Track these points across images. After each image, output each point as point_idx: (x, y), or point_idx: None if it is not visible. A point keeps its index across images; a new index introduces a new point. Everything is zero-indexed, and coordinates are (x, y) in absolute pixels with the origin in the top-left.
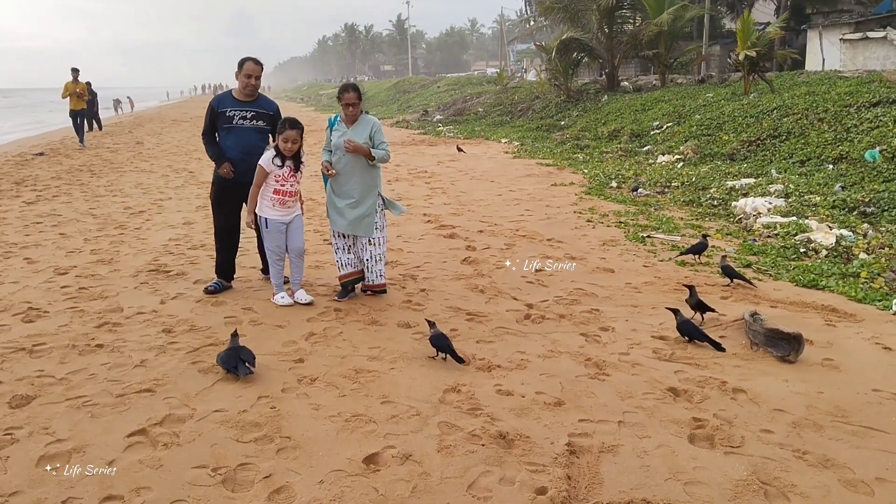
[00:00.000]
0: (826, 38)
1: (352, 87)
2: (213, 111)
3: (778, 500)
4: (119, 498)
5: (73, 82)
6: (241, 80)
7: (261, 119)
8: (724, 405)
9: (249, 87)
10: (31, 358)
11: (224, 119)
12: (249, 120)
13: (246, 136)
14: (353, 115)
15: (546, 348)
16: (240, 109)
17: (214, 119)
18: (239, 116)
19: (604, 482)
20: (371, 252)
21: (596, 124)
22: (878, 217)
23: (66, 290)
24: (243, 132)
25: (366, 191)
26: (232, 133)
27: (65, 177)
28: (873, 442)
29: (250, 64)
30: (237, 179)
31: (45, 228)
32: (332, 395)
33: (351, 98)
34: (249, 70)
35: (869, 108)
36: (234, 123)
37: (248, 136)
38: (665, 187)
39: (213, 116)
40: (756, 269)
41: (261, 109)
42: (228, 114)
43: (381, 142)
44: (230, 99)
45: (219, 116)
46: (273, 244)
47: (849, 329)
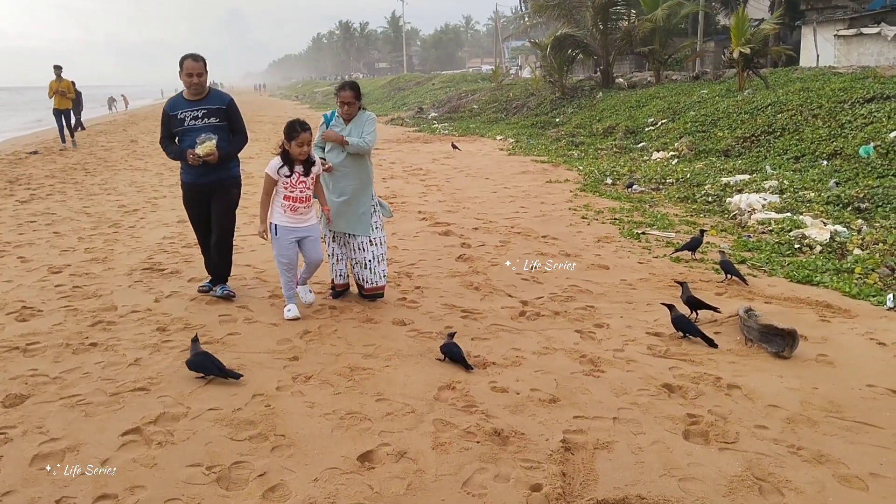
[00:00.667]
0: (820, 35)
1: (349, 85)
2: (166, 116)
3: (772, 495)
4: (113, 497)
5: (57, 80)
6: (184, 80)
7: (213, 116)
8: (719, 401)
9: (193, 85)
10: (24, 357)
11: (176, 122)
12: (200, 119)
13: (199, 136)
14: (350, 114)
15: (541, 345)
16: (190, 110)
17: (169, 124)
18: (190, 118)
19: (599, 478)
20: (373, 252)
21: (591, 121)
22: (873, 213)
23: (60, 288)
24: (197, 133)
25: (360, 188)
26: (186, 136)
27: (59, 175)
28: (867, 437)
29: (189, 62)
30: (199, 180)
31: (38, 227)
32: (326, 393)
33: (347, 97)
34: (189, 69)
35: (863, 103)
36: (185, 125)
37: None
38: (660, 184)
39: (167, 121)
40: (751, 265)
41: (212, 106)
42: (179, 116)
43: (367, 132)
44: (182, 101)
45: (172, 120)
46: (280, 252)
47: (843, 325)
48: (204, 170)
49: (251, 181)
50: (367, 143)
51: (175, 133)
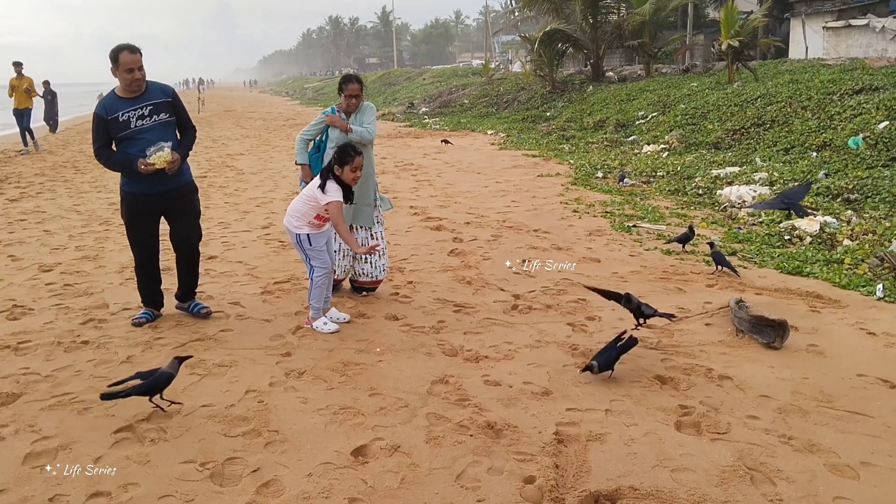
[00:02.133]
0: (809, 27)
1: (356, 78)
2: (102, 122)
3: (764, 485)
4: (106, 494)
5: (17, 78)
6: (123, 76)
7: (161, 111)
8: (711, 392)
9: (135, 81)
10: (16, 355)
11: (119, 126)
12: (148, 118)
13: (151, 136)
14: (354, 107)
15: (533, 338)
16: (133, 109)
17: (107, 130)
18: (135, 118)
19: (591, 470)
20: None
21: (581, 115)
22: (862, 203)
23: (50, 286)
24: (147, 133)
25: (363, 179)
26: (135, 140)
27: (48, 173)
28: (858, 426)
29: (127, 55)
30: (153, 190)
31: (29, 225)
32: (319, 389)
33: (355, 89)
34: (129, 62)
35: (852, 95)
36: (132, 128)
37: (154, 135)
38: (650, 177)
39: (105, 127)
40: (741, 256)
41: (156, 100)
42: (122, 119)
43: (367, 121)
44: (118, 101)
45: (113, 125)
46: (321, 262)
47: (833, 315)
48: (158, 177)
49: (243, 178)
50: (371, 133)
51: (120, 139)
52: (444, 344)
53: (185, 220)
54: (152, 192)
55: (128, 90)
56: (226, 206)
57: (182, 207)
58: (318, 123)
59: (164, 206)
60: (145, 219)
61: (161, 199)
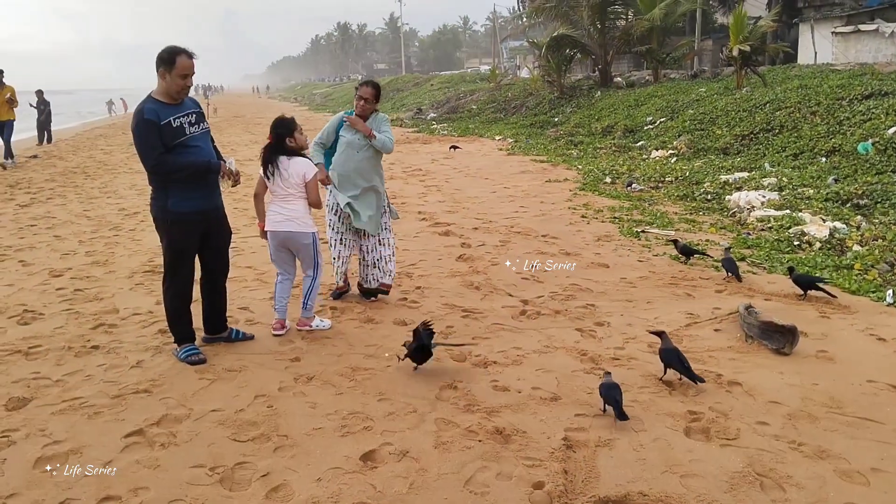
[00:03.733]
0: (818, 32)
1: (373, 83)
2: (157, 127)
3: (774, 491)
4: (117, 498)
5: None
6: (175, 81)
7: (202, 120)
8: (720, 398)
9: (185, 89)
10: (26, 360)
11: (173, 132)
12: (196, 125)
13: (205, 146)
14: (365, 111)
15: (542, 344)
16: (182, 115)
17: (162, 135)
18: (187, 124)
19: (600, 476)
20: (381, 252)
21: (589, 120)
22: (871, 209)
23: (61, 291)
24: (199, 141)
25: (373, 187)
26: (188, 149)
27: (59, 179)
28: (868, 433)
29: (184, 59)
30: (204, 206)
31: (39, 231)
32: (328, 394)
33: (368, 92)
34: (186, 68)
35: (861, 100)
36: (187, 134)
37: (207, 145)
38: (659, 182)
39: (158, 133)
40: (750, 262)
41: (195, 109)
42: (175, 124)
43: (384, 130)
44: (163, 106)
45: (166, 130)
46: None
47: (843, 321)
48: (207, 193)
49: (251, 183)
50: (392, 143)
51: (173, 146)
52: (453, 349)
53: (221, 242)
54: (203, 209)
55: (174, 96)
56: (234, 211)
57: (220, 228)
58: (330, 126)
59: (208, 226)
60: (193, 241)
61: (207, 218)
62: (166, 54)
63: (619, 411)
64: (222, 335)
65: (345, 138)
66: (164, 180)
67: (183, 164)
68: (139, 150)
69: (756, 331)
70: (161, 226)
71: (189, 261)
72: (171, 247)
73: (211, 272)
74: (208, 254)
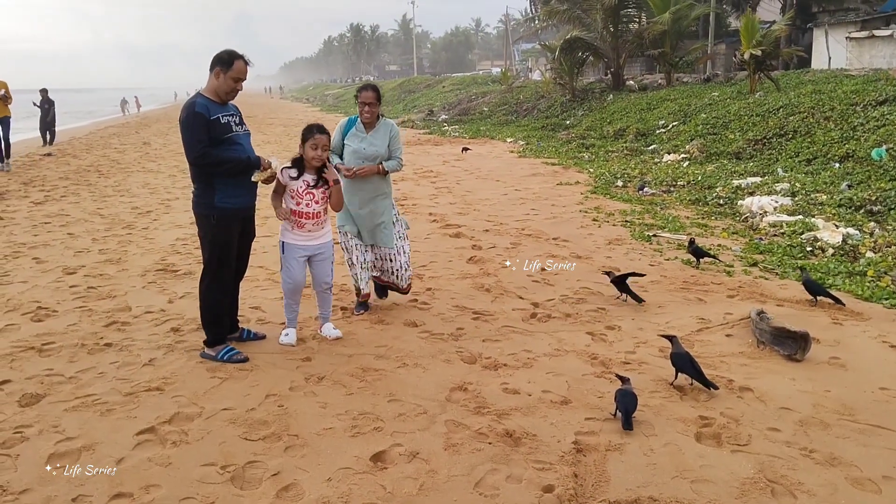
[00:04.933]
0: (832, 37)
1: (371, 86)
2: (205, 120)
3: (785, 497)
4: (128, 496)
5: None
6: (228, 83)
7: (244, 122)
8: (731, 403)
9: (235, 92)
10: (40, 357)
11: (221, 128)
12: (240, 126)
13: (246, 144)
14: (371, 117)
15: (552, 347)
16: (227, 114)
17: (210, 129)
18: (233, 122)
19: (611, 480)
20: (399, 261)
21: (601, 123)
22: (885, 215)
23: (74, 289)
24: (242, 140)
25: (381, 198)
26: (233, 146)
27: (72, 177)
28: (880, 440)
29: (241, 64)
30: (248, 202)
31: (53, 228)
32: (339, 394)
33: (369, 97)
34: (241, 72)
35: (875, 106)
36: (233, 132)
37: (248, 145)
38: (671, 186)
39: (207, 126)
40: (762, 267)
41: (238, 112)
42: (223, 121)
43: (396, 148)
44: (212, 103)
45: (215, 125)
46: (287, 273)
47: (855, 328)
48: (250, 191)
49: None
50: (401, 163)
51: (220, 141)
52: (463, 351)
53: (248, 242)
54: (247, 206)
55: (223, 97)
56: None
57: (252, 228)
58: (337, 135)
59: (244, 225)
60: (236, 240)
61: (247, 214)
62: (226, 55)
63: (626, 420)
64: (234, 335)
65: (350, 147)
66: (210, 177)
67: (224, 158)
68: (186, 140)
69: (768, 336)
70: (205, 223)
71: (232, 258)
72: (216, 243)
73: (240, 265)
74: (240, 247)
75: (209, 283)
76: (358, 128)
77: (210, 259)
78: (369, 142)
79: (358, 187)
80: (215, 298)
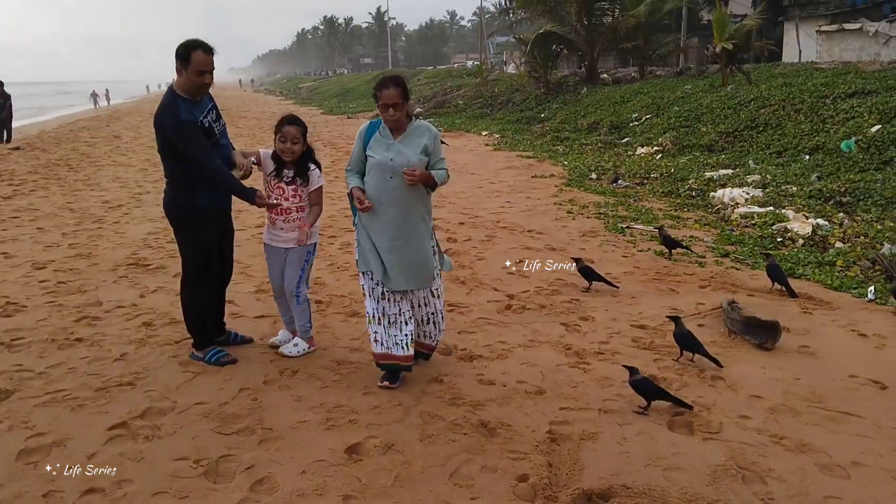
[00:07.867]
0: (803, 30)
1: (392, 81)
2: (197, 127)
3: (755, 484)
4: (101, 491)
5: None
6: (191, 79)
7: (221, 115)
8: (703, 392)
9: (205, 87)
10: (9, 352)
11: (206, 133)
12: (217, 122)
13: (225, 142)
14: (399, 121)
15: (527, 338)
16: (206, 113)
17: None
18: (212, 121)
19: (584, 469)
20: (435, 305)
21: (575, 116)
22: (854, 206)
23: (44, 284)
24: (223, 138)
25: (421, 226)
26: (217, 148)
27: (42, 171)
28: (849, 427)
29: (199, 55)
30: (227, 204)
31: (22, 223)
32: (313, 387)
33: (392, 96)
34: (202, 64)
35: (845, 98)
36: (217, 133)
37: (227, 141)
38: (644, 178)
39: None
40: (734, 258)
41: (213, 102)
42: (206, 124)
43: (439, 157)
44: (190, 104)
45: (199, 129)
46: (269, 273)
47: (825, 316)
48: None
49: None
50: (448, 173)
51: None
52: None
53: (230, 237)
54: (227, 206)
55: (194, 93)
56: None
57: (231, 227)
58: (358, 143)
59: (226, 224)
60: (219, 238)
61: (227, 215)
62: (182, 48)
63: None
64: (220, 339)
65: (375, 158)
66: (194, 176)
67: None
68: (192, 152)
69: (739, 326)
70: (187, 225)
71: (217, 258)
72: (199, 245)
73: (225, 268)
74: (223, 249)
75: (194, 290)
76: (383, 132)
77: (194, 262)
78: (398, 150)
79: (387, 210)
80: (202, 304)
